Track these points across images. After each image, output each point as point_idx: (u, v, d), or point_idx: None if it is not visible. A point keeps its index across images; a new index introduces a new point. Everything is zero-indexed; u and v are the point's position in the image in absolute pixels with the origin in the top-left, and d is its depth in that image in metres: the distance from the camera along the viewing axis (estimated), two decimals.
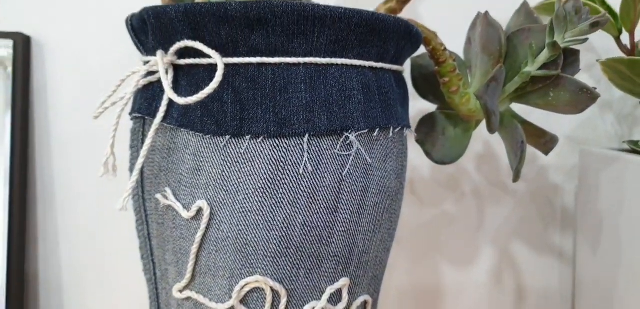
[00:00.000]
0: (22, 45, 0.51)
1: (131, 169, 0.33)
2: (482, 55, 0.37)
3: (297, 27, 0.28)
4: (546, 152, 0.40)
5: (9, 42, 0.51)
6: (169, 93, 0.27)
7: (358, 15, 0.28)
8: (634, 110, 0.53)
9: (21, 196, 0.51)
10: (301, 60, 0.28)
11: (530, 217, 0.55)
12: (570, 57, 0.36)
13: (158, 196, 0.31)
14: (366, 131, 0.30)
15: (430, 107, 0.43)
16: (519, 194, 0.55)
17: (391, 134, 0.31)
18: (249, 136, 0.28)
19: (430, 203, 0.54)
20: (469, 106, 0.37)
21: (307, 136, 0.28)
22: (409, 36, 0.32)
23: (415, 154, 0.44)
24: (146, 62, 0.31)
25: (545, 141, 0.40)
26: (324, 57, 0.29)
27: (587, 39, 0.34)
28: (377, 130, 0.30)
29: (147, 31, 0.30)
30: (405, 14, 0.41)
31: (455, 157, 0.40)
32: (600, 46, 0.53)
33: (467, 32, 0.40)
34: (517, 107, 0.40)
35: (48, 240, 0.54)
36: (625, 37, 0.46)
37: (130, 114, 0.33)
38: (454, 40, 0.50)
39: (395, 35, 0.31)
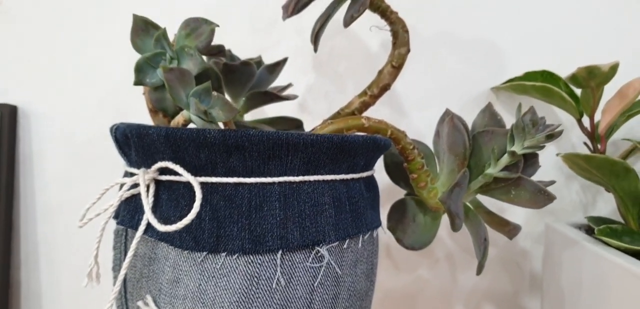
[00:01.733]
0: (9, 115, 0.52)
1: (114, 269, 0.35)
2: (448, 154, 0.39)
3: (272, 152, 0.30)
4: (510, 238, 0.43)
5: None
6: (149, 217, 0.29)
7: (328, 140, 0.30)
8: None
9: (4, 261, 0.52)
10: (276, 179, 0.30)
11: (501, 281, 0.57)
12: (530, 159, 0.38)
13: (139, 303, 0.32)
14: (336, 243, 0.32)
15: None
16: (489, 259, 0.57)
17: (360, 244, 0.33)
18: (225, 252, 0.30)
19: (406, 268, 0.56)
20: (436, 200, 0.40)
21: (280, 252, 0.30)
22: (377, 148, 0.34)
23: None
24: (129, 173, 0.33)
25: (509, 229, 0.42)
26: (297, 175, 0.31)
27: (544, 147, 0.36)
28: (347, 240, 0.32)
29: (130, 146, 0.32)
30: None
31: (425, 243, 0.42)
32: (566, 119, 0.56)
33: (436, 125, 0.42)
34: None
35: (30, 305, 0.55)
36: (586, 120, 0.49)
37: (115, 218, 0.34)
38: (426, 113, 0.53)
39: (364, 150, 0.33)
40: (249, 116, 0.49)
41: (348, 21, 0.38)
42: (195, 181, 0.29)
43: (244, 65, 0.40)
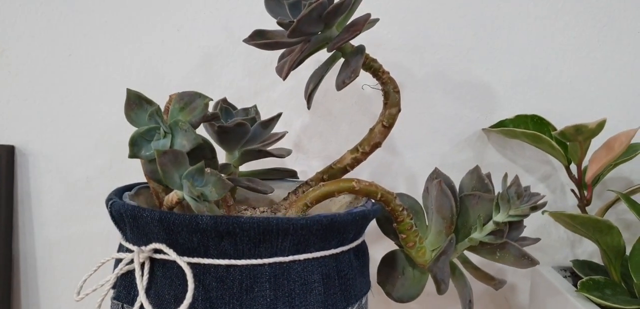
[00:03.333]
0: (6, 155, 0.53)
1: None
2: (436, 215, 0.40)
3: (262, 237, 0.31)
4: (496, 290, 0.44)
5: None
6: (144, 301, 0.30)
7: (317, 222, 0.31)
8: None
9: (5, 299, 0.53)
10: (266, 261, 0.31)
11: None
12: (515, 223, 0.39)
13: None
14: None
15: None
16: (478, 294, 0.58)
17: None
18: None
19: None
20: (424, 258, 0.41)
21: None
22: (366, 219, 0.35)
23: (379, 248, 0.47)
24: (125, 248, 0.34)
25: (495, 283, 0.43)
26: (287, 255, 0.32)
27: (528, 215, 0.38)
28: None
29: (125, 223, 0.33)
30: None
31: (413, 296, 0.43)
32: (556, 162, 0.57)
33: (426, 181, 0.43)
34: None
35: None
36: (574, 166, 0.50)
37: (112, 289, 0.35)
38: (419, 152, 0.54)
39: (354, 225, 0.34)
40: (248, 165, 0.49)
41: (340, 86, 0.39)
42: (188, 269, 0.30)
43: (237, 126, 0.41)
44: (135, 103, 0.35)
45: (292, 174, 0.47)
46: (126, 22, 0.54)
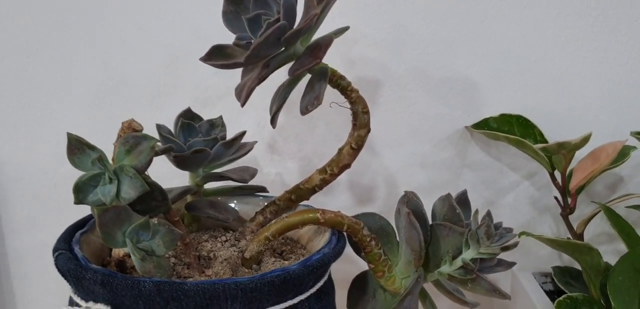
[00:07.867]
0: None
1: None
2: (406, 245, 0.38)
3: (209, 302, 0.29)
4: None
5: None
6: None
7: (269, 283, 0.30)
8: None
9: None
10: None
11: None
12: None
13: None
14: None
15: None
16: None
17: None
18: None
19: None
20: (394, 286, 0.39)
21: None
22: (326, 266, 0.33)
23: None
24: (74, 302, 0.32)
25: (468, 306, 0.42)
26: None
27: (498, 254, 0.36)
28: None
29: (70, 280, 0.32)
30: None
31: None
32: None
33: (397, 203, 0.41)
34: None
35: None
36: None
37: None
38: (399, 152, 0.52)
39: (313, 276, 0.32)
40: None
41: (304, 111, 0.37)
42: None
43: (195, 153, 0.39)
44: (77, 148, 0.33)
45: (261, 189, 0.45)
46: (85, 23, 0.50)
